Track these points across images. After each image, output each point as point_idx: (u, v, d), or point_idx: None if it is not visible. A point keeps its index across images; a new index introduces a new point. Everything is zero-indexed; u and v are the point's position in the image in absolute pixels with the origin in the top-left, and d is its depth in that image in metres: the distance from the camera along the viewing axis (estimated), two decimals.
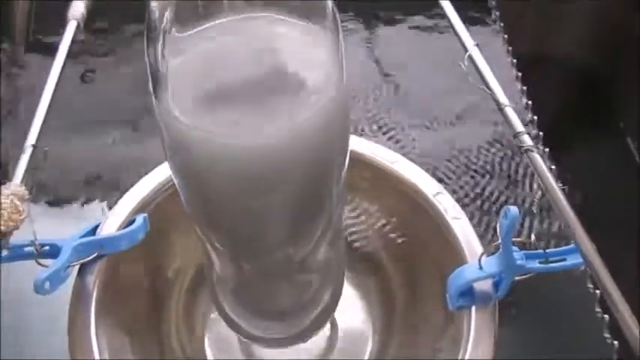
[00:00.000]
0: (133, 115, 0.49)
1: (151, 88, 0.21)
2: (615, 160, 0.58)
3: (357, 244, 0.40)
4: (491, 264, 0.31)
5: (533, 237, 0.30)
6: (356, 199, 0.39)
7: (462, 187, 0.45)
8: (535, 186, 0.43)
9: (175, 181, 0.24)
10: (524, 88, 0.47)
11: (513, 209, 0.28)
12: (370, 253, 0.40)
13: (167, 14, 0.20)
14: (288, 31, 0.21)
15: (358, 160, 0.38)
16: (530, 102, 0.45)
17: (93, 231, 0.34)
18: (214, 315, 0.38)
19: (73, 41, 0.36)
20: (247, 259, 0.27)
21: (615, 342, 0.34)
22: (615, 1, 0.59)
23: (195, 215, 0.25)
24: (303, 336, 0.32)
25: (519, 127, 0.32)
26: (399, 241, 0.38)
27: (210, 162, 0.21)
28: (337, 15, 0.21)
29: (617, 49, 0.60)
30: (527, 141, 0.31)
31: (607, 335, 0.35)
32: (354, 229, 0.40)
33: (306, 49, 0.21)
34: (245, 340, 0.35)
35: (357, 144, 0.39)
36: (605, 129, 0.60)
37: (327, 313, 0.32)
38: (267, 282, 0.29)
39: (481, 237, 0.36)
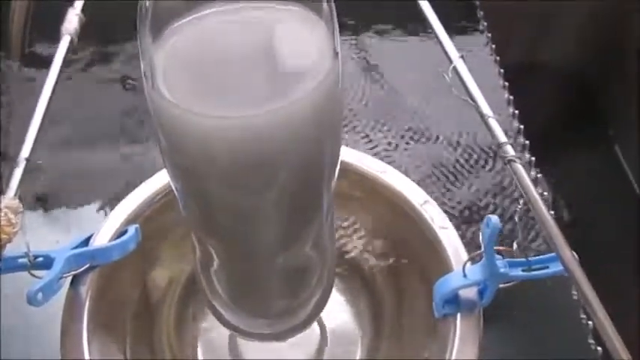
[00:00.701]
0: (127, 127, 0.50)
1: (142, 72, 0.21)
2: (603, 167, 0.59)
3: (345, 253, 0.40)
4: (475, 272, 0.32)
5: (515, 245, 0.31)
6: (343, 208, 0.40)
7: (448, 198, 0.46)
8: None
9: (168, 170, 0.24)
10: (511, 97, 0.48)
11: (494, 218, 0.29)
12: (358, 261, 0.40)
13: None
14: (281, 15, 0.21)
15: (346, 170, 0.39)
16: (516, 111, 0.46)
17: (86, 242, 0.34)
18: (206, 324, 0.38)
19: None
20: (239, 253, 0.27)
21: (599, 348, 0.35)
22: (603, 12, 0.60)
23: (189, 206, 0.25)
24: (291, 333, 0.33)
25: (502, 137, 0.32)
26: (387, 249, 0.39)
27: (202, 144, 0.21)
28: (332, 1, 0.21)
29: (605, 57, 0.61)
30: (510, 151, 0.32)
31: (591, 341, 0.36)
32: (342, 237, 0.40)
33: (300, 33, 0.21)
34: (234, 333, 0.35)
35: (345, 154, 0.39)
36: (594, 137, 0.60)
37: (318, 310, 0.32)
38: (257, 278, 0.29)
39: (467, 245, 0.36)
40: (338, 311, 0.39)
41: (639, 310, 0.44)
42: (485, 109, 0.34)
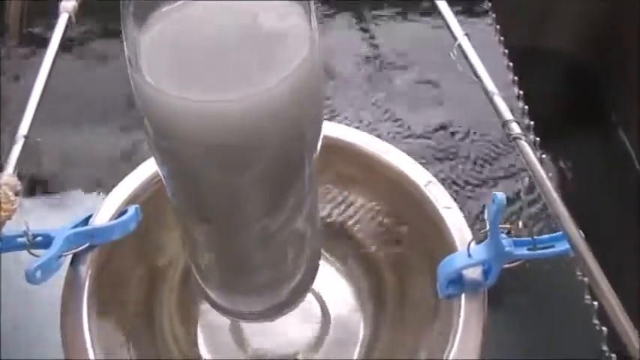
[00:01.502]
0: (127, 107, 0.49)
1: (127, 58, 0.21)
2: (607, 151, 0.59)
3: (347, 234, 0.40)
4: (479, 251, 0.31)
5: (521, 223, 0.30)
6: (346, 189, 0.40)
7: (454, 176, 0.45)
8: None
9: (153, 154, 0.24)
10: (516, 78, 0.47)
11: (500, 195, 0.28)
12: (361, 242, 0.40)
13: None
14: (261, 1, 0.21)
15: (350, 150, 0.39)
16: (521, 92, 0.45)
17: (85, 221, 0.34)
18: (204, 306, 0.38)
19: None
20: (224, 228, 0.27)
21: (604, 328, 0.35)
22: None
23: (175, 189, 0.25)
24: (280, 310, 0.32)
25: (508, 115, 0.32)
26: (391, 230, 0.39)
27: (183, 128, 0.21)
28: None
29: (608, 41, 0.60)
30: (516, 129, 0.32)
31: (596, 322, 0.35)
32: (345, 218, 0.40)
33: (279, 15, 0.22)
34: (228, 316, 0.35)
35: (349, 134, 0.39)
36: (597, 120, 0.60)
37: (304, 286, 0.32)
38: (242, 254, 0.29)
39: (472, 226, 0.36)
40: (340, 292, 0.39)
41: None
42: (490, 86, 0.33)
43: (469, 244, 0.32)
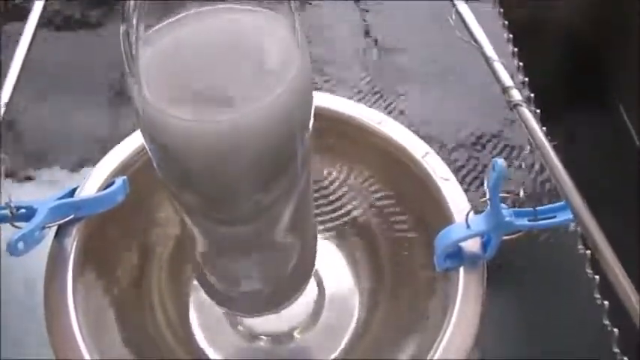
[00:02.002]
0: (114, 79, 0.48)
1: (127, 76, 0.22)
2: (606, 127, 0.58)
3: (343, 208, 0.39)
4: (478, 222, 0.30)
5: (522, 193, 0.29)
6: (342, 162, 0.39)
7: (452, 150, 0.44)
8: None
9: (150, 153, 0.24)
10: (516, 49, 0.46)
11: (500, 161, 0.27)
12: (357, 216, 0.39)
13: (140, 8, 0.21)
14: (249, 19, 0.22)
15: (344, 122, 0.37)
16: (521, 64, 0.44)
17: (71, 193, 0.33)
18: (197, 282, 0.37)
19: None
20: (217, 218, 0.26)
21: (606, 302, 0.34)
22: None
23: (166, 181, 0.26)
24: (278, 304, 0.32)
25: (508, 81, 0.31)
26: (387, 203, 0.38)
27: (181, 144, 0.22)
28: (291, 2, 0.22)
29: (609, 16, 0.59)
30: (517, 95, 0.30)
31: (597, 296, 0.34)
32: (340, 193, 0.39)
33: (267, 34, 0.22)
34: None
35: (343, 105, 0.38)
36: (597, 96, 0.59)
37: (299, 282, 0.32)
38: (237, 246, 0.29)
39: (470, 201, 0.35)
40: (336, 267, 0.38)
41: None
42: (490, 52, 0.32)
43: (467, 215, 0.31)
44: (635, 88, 0.55)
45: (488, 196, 0.29)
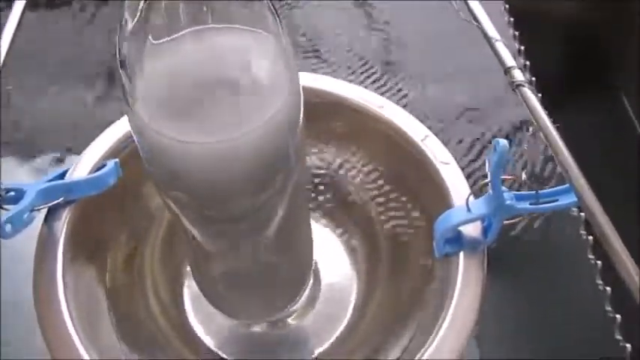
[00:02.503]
0: (107, 64, 0.47)
1: (123, 97, 0.22)
2: (609, 116, 0.57)
3: (341, 193, 0.38)
4: (479, 205, 0.30)
5: (524, 175, 0.29)
6: (339, 145, 0.38)
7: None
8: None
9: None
10: (517, 33, 0.45)
11: (503, 141, 0.26)
12: (355, 201, 0.38)
13: (136, 31, 0.21)
14: (241, 40, 0.22)
15: (343, 105, 0.37)
16: (522, 47, 0.43)
17: (61, 176, 0.32)
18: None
19: None
20: (208, 216, 0.26)
21: (608, 288, 0.33)
22: None
23: (156, 182, 0.26)
24: (272, 309, 0.33)
25: (510, 61, 0.30)
26: (386, 188, 0.37)
27: (175, 162, 0.23)
28: (278, 19, 0.22)
29: (614, 4, 0.58)
30: (519, 76, 0.29)
31: (599, 282, 0.34)
32: (336, 177, 0.38)
33: (259, 56, 0.22)
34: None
35: (343, 88, 0.37)
36: (599, 84, 0.58)
37: (293, 288, 0.33)
38: (229, 245, 0.29)
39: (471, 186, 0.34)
40: (332, 252, 0.37)
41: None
42: (492, 31, 0.31)
43: (468, 197, 0.30)
44: (637, 75, 0.55)
45: (489, 179, 0.28)
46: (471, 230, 0.31)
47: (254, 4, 0.22)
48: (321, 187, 0.39)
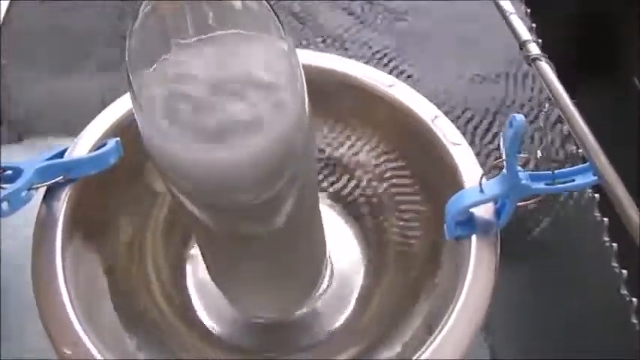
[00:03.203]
0: (105, 44, 0.46)
1: (132, 105, 0.22)
2: (620, 99, 0.56)
3: (347, 175, 0.37)
4: (492, 186, 0.29)
5: (539, 153, 0.28)
6: (347, 125, 0.37)
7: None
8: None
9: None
10: (529, 10, 0.44)
11: (519, 117, 0.25)
12: (362, 182, 0.37)
13: (143, 41, 0.21)
14: (248, 48, 0.22)
15: (351, 85, 0.35)
16: (534, 25, 0.42)
17: (61, 154, 0.31)
18: (194, 251, 0.35)
19: None
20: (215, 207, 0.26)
21: (624, 271, 0.32)
22: None
23: (164, 180, 0.26)
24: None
25: (525, 34, 0.29)
26: (394, 169, 0.36)
27: (178, 170, 0.23)
28: (282, 26, 0.22)
29: None
30: (534, 49, 0.28)
31: (615, 264, 0.32)
32: (344, 158, 0.37)
33: (263, 64, 0.22)
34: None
35: (351, 67, 0.36)
36: (611, 68, 0.57)
37: (307, 285, 0.32)
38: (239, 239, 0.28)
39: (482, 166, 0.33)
40: (339, 237, 0.36)
41: None
42: (507, 5, 0.30)
43: (481, 178, 0.29)
44: None
45: (503, 157, 0.27)
46: (483, 212, 0.30)
47: (256, 9, 0.22)
48: (328, 169, 0.38)
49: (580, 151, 0.40)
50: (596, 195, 0.37)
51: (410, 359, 0.27)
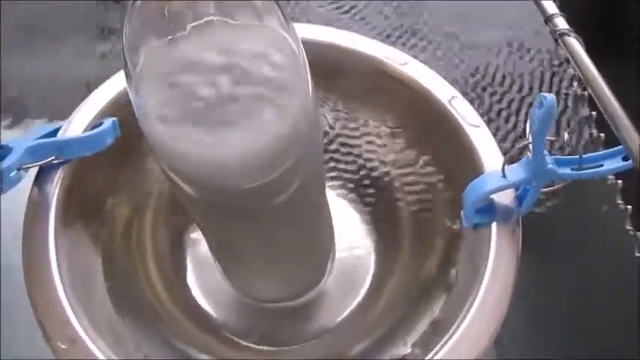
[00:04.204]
0: (99, 21, 0.44)
1: (130, 95, 0.21)
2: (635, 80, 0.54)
3: (359, 158, 0.35)
4: (516, 171, 0.27)
5: (566, 136, 0.26)
6: (359, 107, 0.35)
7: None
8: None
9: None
10: None
11: (550, 96, 0.23)
12: (374, 166, 0.35)
13: (139, 28, 0.20)
14: (249, 38, 0.21)
15: (364, 64, 0.33)
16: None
17: (53, 133, 0.29)
18: (195, 235, 0.34)
19: None
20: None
21: None
22: None
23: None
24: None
25: (552, 8, 0.27)
26: (408, 152, 0.34)
27: (176, 164, 0.22)
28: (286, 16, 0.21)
29: None
30: (562, 24, 0.26)
31: (638, 254, 0.31)
32: (356, 140, 0.35)
33: (268, 56, 0.21)
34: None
35: (361, 43, 0.34)
36: (627, 47, 0.55)
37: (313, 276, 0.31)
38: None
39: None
40: (350, 221, 0.35)
41: None
42: None
43: (504, 163, 0.27)
44: None
45: (529, 140, 0.25)
46: (504, 199, 0.28)
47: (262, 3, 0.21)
48: (338, 151, 0.36)
49: (602, 135, 0.38)
50: (619, 181, 0.35)
51: (423, 359, 0.25)
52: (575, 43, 0.26)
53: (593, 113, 0.37)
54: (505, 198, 0.28)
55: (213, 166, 0.21)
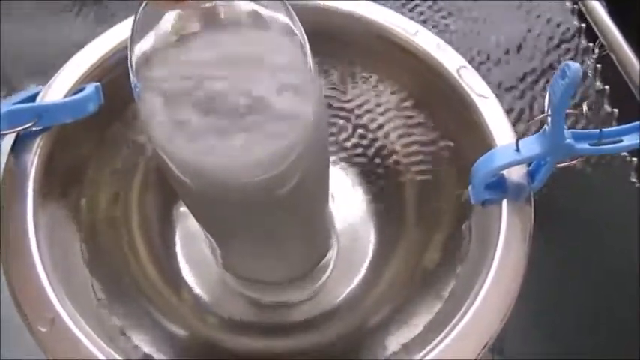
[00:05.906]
0: None
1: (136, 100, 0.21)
2: None
3: (363, 129, 0.34)
4: (531, 145, 0.25)
5: (585, 107, 0.24)
6: (365, 77, 0.33)
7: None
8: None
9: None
10: None
11: (574, 65, 0.21)
12: (379, 140, 0.33)
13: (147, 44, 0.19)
14: (260, 48, 0.20)
15: (369, 30, 0.31)
16: None
17: (32, 98, 0.27)
18: (184, 209, 0.32)
19: None
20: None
21: None
22: None
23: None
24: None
25: None
26: (413, 124, 0.32)
27: (181, 173, 0.21)
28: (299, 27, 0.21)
29: None
30: None
31: None
32: (361, 111, 0.33)
33: (274, 52, 0.20)
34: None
35: (369, 10, 0.31)
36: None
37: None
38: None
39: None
40: (351, 198, 0.33)
41: None
42: None
43: (517, 137, 0.25)
44: None
45: (549, 112, 0.23)
46: (515, 174, 0.26)
47: (273, 10, 0.20)
48: (341, 124, 0.34)
49: (615, 110, 0.37)
50: (634, 159, 0.34)
51: (432, 340, 0.24)
52: (597, 6, 0.24)
53: (606, 87, 0.35)
54: (516, 174, 0.26)
55: (216, 167, 0.20)
